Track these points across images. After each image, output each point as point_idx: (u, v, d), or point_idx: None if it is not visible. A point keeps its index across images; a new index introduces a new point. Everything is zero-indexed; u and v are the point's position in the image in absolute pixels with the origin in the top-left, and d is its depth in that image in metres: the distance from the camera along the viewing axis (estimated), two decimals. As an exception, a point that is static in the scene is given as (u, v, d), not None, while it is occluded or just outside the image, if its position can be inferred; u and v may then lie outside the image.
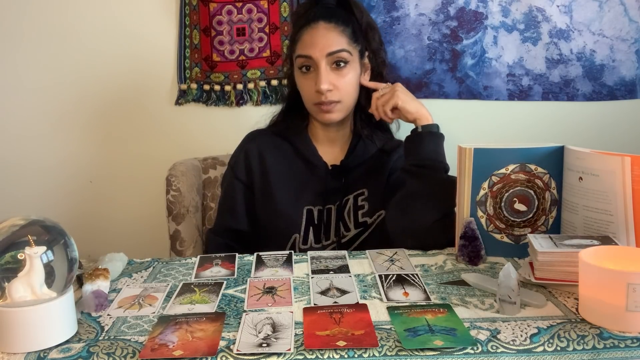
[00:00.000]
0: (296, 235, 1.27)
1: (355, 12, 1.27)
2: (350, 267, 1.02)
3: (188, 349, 0.73)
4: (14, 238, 0.77)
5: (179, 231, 1.43)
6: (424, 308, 0.84)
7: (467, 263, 1.03)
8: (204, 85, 1.76)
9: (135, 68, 1.77)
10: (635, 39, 1.72)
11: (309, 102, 1.26)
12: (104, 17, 1.74)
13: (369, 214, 1.28)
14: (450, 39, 1.73)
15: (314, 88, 1.22)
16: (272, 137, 1.34)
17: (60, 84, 1.78)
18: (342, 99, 1.24)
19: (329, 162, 1.30)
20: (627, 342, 0.75)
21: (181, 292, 0.93)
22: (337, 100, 1.23)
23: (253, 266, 1.04)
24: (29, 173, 1.82)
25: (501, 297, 0.82)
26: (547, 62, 1.74)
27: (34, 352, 0.75)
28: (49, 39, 1.75)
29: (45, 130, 1.81)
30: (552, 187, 1.04)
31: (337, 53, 1.21)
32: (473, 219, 1.05)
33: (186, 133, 1.79)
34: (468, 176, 1.05)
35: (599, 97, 1.75)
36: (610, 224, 0.93)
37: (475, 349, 0.73)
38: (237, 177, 1.32)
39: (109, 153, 1.82)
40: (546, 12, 1.71)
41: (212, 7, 1.71)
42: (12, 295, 0.75)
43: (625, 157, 0.90)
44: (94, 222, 1.84)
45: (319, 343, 0.74)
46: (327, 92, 1.21)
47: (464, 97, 1.76)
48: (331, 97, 1.22)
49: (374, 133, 1.32)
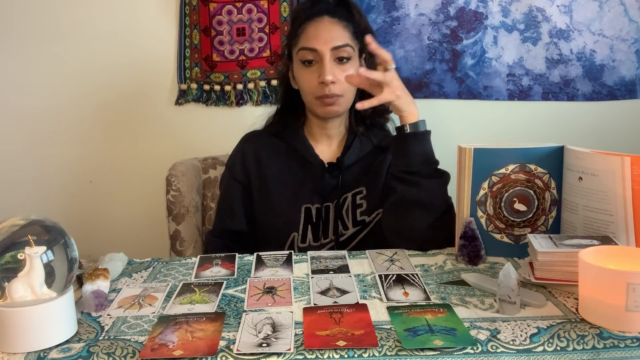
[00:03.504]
0: (295, 234, 1.27)
1: (355, 13, 1.27)
2: (350, 267, 1.02)
3: (188, 349, 0.73)
4: (14, 238, 0.77)
5: (179, 231, 1.43)
6: (424, 308, 0.84)
7: (467, 263, 1.03)
8: (204, 85, 1.77)
9: (135, 68, 1.77)
10: (635, 39, 1.72)
11: (310, 95, 1.26)
12: (104, 17, 1.74)
13: (367, 212, 1.28)
14: (450, 39, 1.73)
15: (316, 80, 1.22)
16: (269, 137, 1.34)
17: (61, 84, 1.78)
18: (344, 94, 1.24)
19: (326, 160, 1.30)
20: (627, 342, 0.74)
21: (181, 292, 0.93)
22: (339, 94, 1.23)
23: (253, 266, 1.04)
24: (29, 173, 1.82)
25: (501, 297, 0.82)
26: (547, 62, 1.74)
27: (34, 352, 0.75)
28: (49, 39, 1.75)
29: (45, 130, 1.81)
30: (552, 187, 1.04)
31: (342, 47, 1.22)
32: (473, 219, 1.05)
33: (186, 133, 1.80)
34: (468, 176, 1.05)
35: (599, 97, 1.75)
36: (610, 224, 0.93)
37: (475, 349, 0.73)
38: (234, 178, 1.32)
39: (109, 153, 1.82)
40: (546, 12, 1.71)
41: (212, 7, 1.71)
42: (12, 295, 0.75)
43: (625, 157, 0.90)
44: (94, 222, 1.85)
45: (319, 343, 0.74)
46: (330, 85, 1.21)
47: (464, 97, 1.76)
48: (334, 90, 1.22)
49: (369, 130, 1.32)
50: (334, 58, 1.22)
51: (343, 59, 1.23)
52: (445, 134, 1.24)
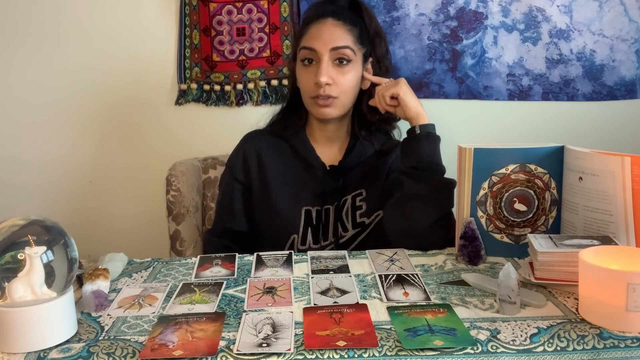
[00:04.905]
0: (294, 235, 1.27)
1: (365, 17, 1.28)
2: (350, 267, 1.02)
3: (188, 349, 0.73)
4: (14, 238, 0.77)
5: (179, 231, 1.43)
6: (424, 308, 0.84)
7: (467, 263, 1.03)
8: (204, 85, 1.76)
9: (135, 68, 1.77)
10: (635, 39, 1.72)
11: (306, 94, 1.26)
12: (104, 18, 1.74)
13: (366, 214, 1.28)
14: (450, 39, 1.73)
15: (313, 80, 1.22)
16: (270, 138, 1.34)
17: (61, 84, 1.78)
18: (340, 96, 1.24)
19: (327, 163, 1.30)
20: (627, 342, 0.75)
21: (181, 292, 0.93)
22: (334, 96, 1.23)
23: (253, 266, 1.04)
24: (29, 173, 1.82)
25: (501, 297, 0.82)
26: (547, 62, 1.74)
27: (34, 352, 0.75)
28: (49, 40, 1.75)
29: (45, 130, 1.81)
30: (552, 187, 1.04)
31: (341, 49, 1.22)
32: (473, 219, 1.05)
33: (186, 133, 1.80)
34: (468, 176, 1.05)
35: (599, 97, 1.75)
36: (610, 224, 0.93)
37: (475, 349, 0.73)
38: (235, 178, 1.32)
39: (109, 153, 1.82)
40: (546, 12, 1.71)
41: (212, 7, 1.71)
42: (12, 295, 0.75)
43: (625, 157, 0.90)
44: (94, 221, 1.85)
45: (319, 343, 0.74)
46: (325, 86, 1.21)
47: (464, 97, 1.76)
48: (329, 91, 1.22)
49: (372, 134, 1.32)
50: (333, 59, 1.22)
51: (343, 61, 1.23)
52: (445, 134, 1.24)
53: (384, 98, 1.24)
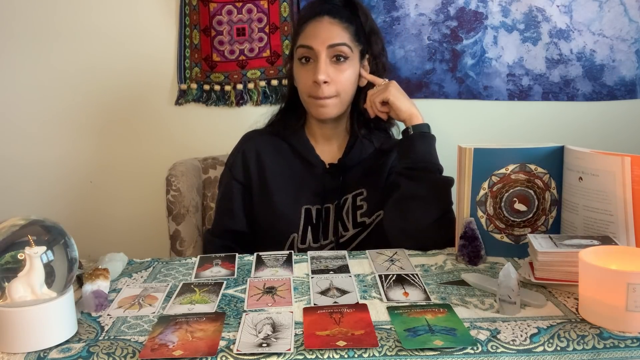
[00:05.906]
0: (294, 235, 1.27)
1: (360, 15, 1.28)
2: (350, 267, 1.02)
3: (188, 349, 0.73)
4: (14, 238, 0.77)
5: (179, 231, 1.43)
6: (424, 308, 0.84)
7: (467, 263, 1.03)
8: (204, 85, 1.77)
9: (135, 68, 1.77)
10: (635, 39, 1.72)
11: (304, 94, 1.26)
12: (104, 18, 1.74)
13: (367, 214, 1.28)
14: (450, 39, 1.73)
15: (311, 79, 1.22)
16: (269, 137, 1.34)
17: (60, 84, 1.78)
18: (339, 94, 1.24)
19: (327, 161, 1.30)
20: (627, 342, 0.74)
21: (181, 292, 0.93)
22: (333, 95, 1.23)
23: (253, 266, 1.04)
24: (29, 173, 1.82)
25: (501, 297, 0.82)
26: (547, 62, 1.74)
27: (34, 352, 0.75)
28: (49, 40, 1.75)
29: (45, 130, 1.81)
30: (552, 187, 1.04)
31: (338, 46, 1.22)
32: (473, 219, 1.05)
33: (186, 133, 1.80)
34: (468, 176, 1.05)
35: (599, 97, 1.75)
36: (610, 224, 0.93)
37: (475, 349, 0.73)
38: (234, 177, 1.32)
39: (109, 153, 1.82)
40: (546, 12, 1.71)
41: (212, 7, 1.71)
42: (12, 295, 0.75)
43: (625, 157, 0.90)
44: (94, 222, 1.85)
45: (319, 343, 0.74)
46: (323, 85, 1.21)
47: (464, 97, 1.76)
48: (328, 90, 1.22)
49: (371, 133, 1.32)
50: (330, 57, 1.23)
51: (340, 58, 1.23)
52: (445, 134, 1.24)
53: (374, 104, 1.24)
